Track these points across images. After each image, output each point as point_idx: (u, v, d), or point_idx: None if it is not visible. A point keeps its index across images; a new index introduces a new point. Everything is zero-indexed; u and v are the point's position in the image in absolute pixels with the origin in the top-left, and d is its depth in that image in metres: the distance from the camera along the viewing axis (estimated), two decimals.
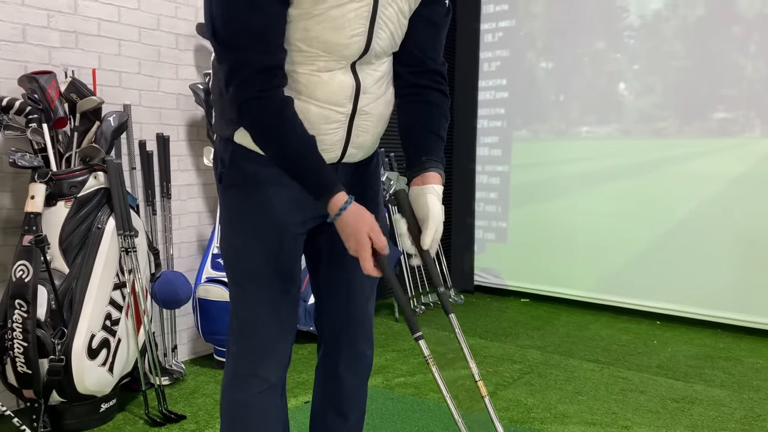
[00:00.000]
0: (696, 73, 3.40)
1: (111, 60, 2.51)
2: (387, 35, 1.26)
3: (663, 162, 3.54)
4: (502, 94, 4.13)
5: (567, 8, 3.83)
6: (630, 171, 3.66)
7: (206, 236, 2.93)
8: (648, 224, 3.59)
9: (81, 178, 2.11)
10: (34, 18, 2.26)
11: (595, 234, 3.79)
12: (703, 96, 3.39)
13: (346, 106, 1.27)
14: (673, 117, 3.50)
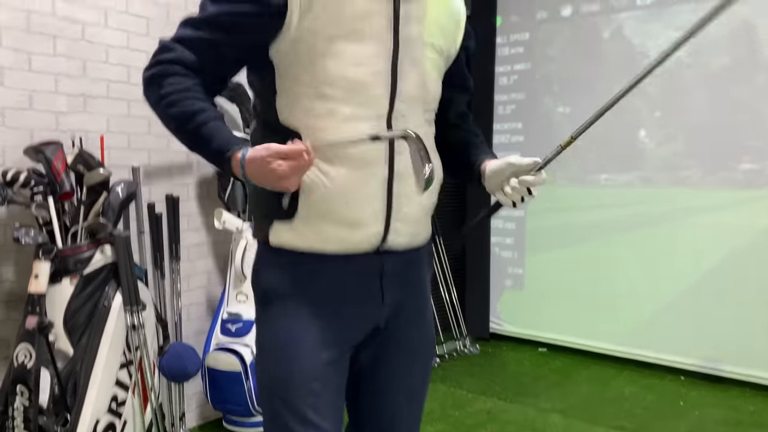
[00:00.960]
0: (719, 122, 3.30)
1: (120, 121, 2.43)
2: (417, 79, 1.20)
3: (687, 212, 3.43)
4: (518, 138, 4.04)
5: (584, 52, 3.75)
6: (652, 220, 3.54)
7: (216, 296, 2.84)
8: (672, 276, 3.46)
9: (87, 254, 2.02)
10: (42, 83, 2.19)
11: (616, 284, 3.67)
12: (727, 146, 3.28)
13: (380, 166, 1.16)
14: (696, 166, 3.39)
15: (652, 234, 3.54)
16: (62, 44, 2.24)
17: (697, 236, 3.38)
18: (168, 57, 1.14)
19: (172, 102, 1.13)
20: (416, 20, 1.19)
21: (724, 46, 3.27)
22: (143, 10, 2.47)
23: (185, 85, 1.13)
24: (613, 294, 3.68)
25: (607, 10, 3.64)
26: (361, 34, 1.14)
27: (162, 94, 1.14)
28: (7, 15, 2.09)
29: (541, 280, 4.01)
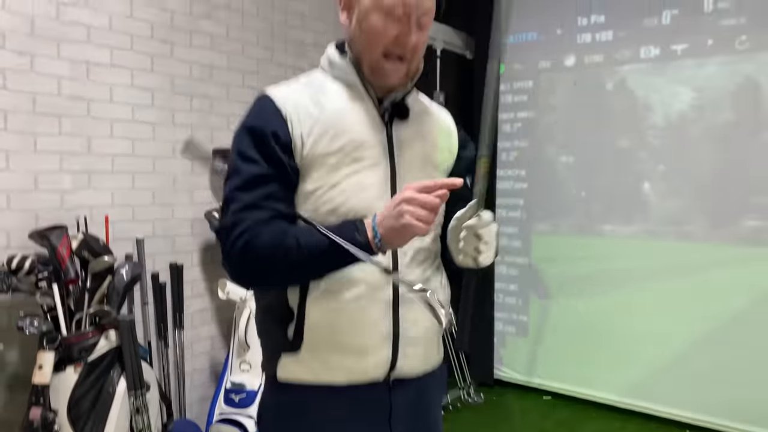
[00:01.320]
0: (725, 177, 3.29)
1: (124, 194, 2.43)
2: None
3: (692, 267, 3.41)
4: (521, 185, 4.04)
5: (587, 103, 3.75)
6: (657, 273, 3.53)
7: (219, 361, 2.82)
8: (677, 330, 3.44)
9: (92, 341, 2.02)
10: (47, 163, 2.20)
11: (621, 335, 3.65)
12: (732, 202, 3.27)
13: (384, 290, 1.16)
14: (701, 221, 3.38)
15: (657, 287, 3.52)
16: (68, 123, 2.24)
17: (703, 292, 3.36)
18: (238, 231, 1.11)
19: (276, 256, 1.11)
20: (408, 143, 1.24)
21: (728, 103, 3.26)
22: (148, 82, 2.48)
23: (270, 234, 1.12)
24: (618, 344, 3.66)
25: (611, 62, 3.64)
26: (361, 162, 1.17)
27: (263, 260, 1.12)
28: (14, 98, 2.09)
29: (545, 328, 3.99)
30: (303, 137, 1.15)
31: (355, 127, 1.19)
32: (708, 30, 3.30)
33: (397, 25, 1.16)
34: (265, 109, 1.19)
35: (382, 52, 1.17)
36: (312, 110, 1.18)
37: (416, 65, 1.23)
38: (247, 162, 1.15)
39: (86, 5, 2.26)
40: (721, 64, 3.28)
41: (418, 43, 1.19)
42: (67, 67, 2.22)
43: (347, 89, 1.22)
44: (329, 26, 3.27)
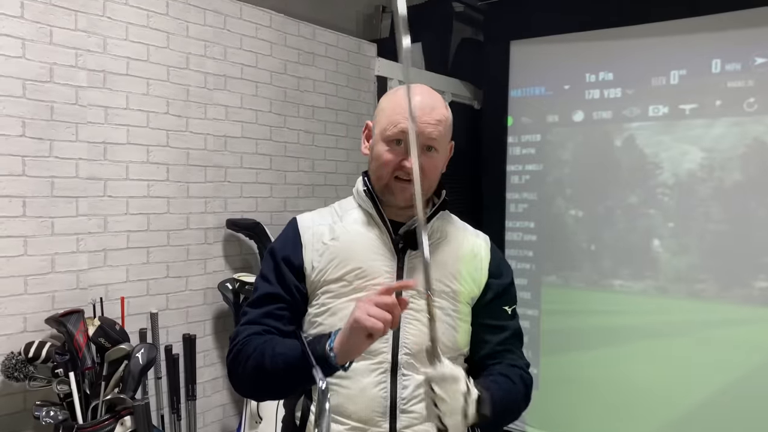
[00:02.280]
0: (735, 237, 3.29)
1: (139, 270, 2.45)
2: (424, 329, 1.19)
3: (702, 325, 3.40)
4: (530, 237, 4.04)
5: (596, 158, 3.77)
6: (667, 331, 3.52)
7: (231, 428, 2.82)
8: (686, 388, 3.42)
9: (108, 429, 2.02)
10: (64, 245, 2.22)
11: (629, 392, 3.63)
12: (743, 262, 3.27)
13: (380, 426, 1.20)
14: (712, 280, 3.38)
15: (667, 344, 3.51)
16: (84, 204, 2.27)
17: (712, 351, 3.35)
18: (234, 343, 1.23)
19: (253, 363, 1.18)
20: (421, 273, 1.17)
21: (737, 164, 3.28)
22: (163, 157, 2.51)
23: (255, 344, 1.19)
24: (627, 401, 3.64)
25: (620, 119, 3.66)
26: (365, 290, 1.22)
27: (246, 368, 1.19)
28: (33, 184, 2.12)
29: (556, 382, 3.97)
30: (313, 263, 1.26)
31: (362, 256, 1.25)
32: (716, 91, 3.33)
33: (401, 152, 1.24)
34: (288, 233, 1.33)
35: (390, 176, 1.26)
36: (326, 238, 1.28)
37: (429, 186, 1.29)
38: (264, 281, 1.28)
39: (104, 86, 2.30)
40: (729, 125, 3.30)
41: (424, 166, 1.22)
42: (85, 148, 2.25)
43: (365, 217, 1.30)
44: (339, 89, 3.31)
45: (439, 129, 1.26)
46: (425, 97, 1.28)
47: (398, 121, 1.23)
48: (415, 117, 1.15)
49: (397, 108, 1.25)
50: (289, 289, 1.26)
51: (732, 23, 3.27)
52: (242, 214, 2.81)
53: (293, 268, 1.27)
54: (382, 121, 1.28)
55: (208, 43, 2.65)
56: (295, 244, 1.29)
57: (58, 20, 2.17)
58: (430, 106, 1.26)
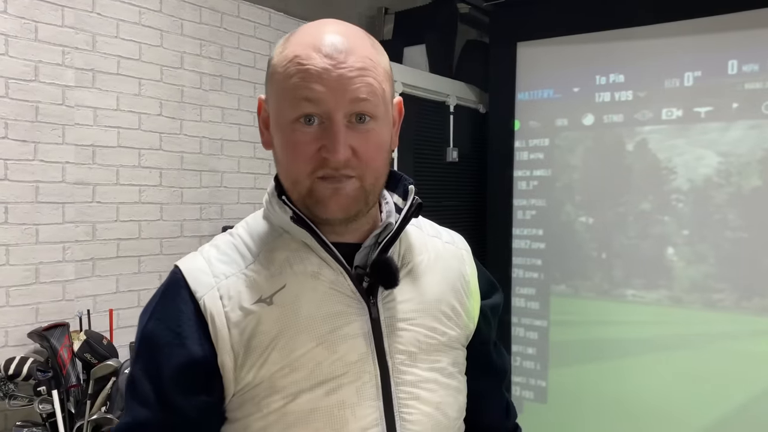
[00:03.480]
0: (754, 246, 3.16)
1: (129, 280, 2.33)
2: (427, 410, 0.85)
3: (719, 337, 3.27)
4: (539, 245, 3.91)
5: (607, 163, 3.64)
6: (682, 343, 3.38)
7: None
8: (701, 402, 3.28)
9: None
10: (49, 254, 2.09)
11: (642, 406, 3.49)
12: (762, 271, 3.13)
13: None
14: (729, 290, 3.24)
15: (683, 356, 3.37)
16: (72, 210, 2.14)
17: (731, 364, 3.21)
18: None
19: None
20: (406, 324, 0.86)
21: (755, 168, 3.15)
22: (156, 161, 2.38)
23: None
24: (639, 416, 3.50)
25: (631, 123, 3.53)
26: (335, 378, 0.80)
27: None
28: (16, 189, 2.00)
29: (565, 394, 3.83)
30: (238, 357, 0.79)
31: (317, 321, 0.80)
32: (733, 93, 3.20)
33: (315, 133, 0.78)
34: (176, 305, 0.81)
35: (309, 176, 0.80)
36: (248, 303, 0.80)
37: (374, 179, 0.82)
38: (136, 399, 0.81)
39: (93, 86, 2.18)
40: (747, 129, 3.17)
41: (359, 148, 0.79)
42: (73, 151, 2.13)
43: (299, 252, 0.83)
44: None
45: (368, 82, 0.78)
46: (337, 35, 0.80)
47: (299, 85, 0.77)
48: (326, 72, 0.76)
49: (292, 66, 0.78)
50: (177, 411, 0.79)
51: (749, 22, 3.15)
52: (239, 220, 2.67)
53: (191, 368, 0.79)
54: (276, 91, 0.81)
55: (204, 42, 2.53)
56: (191, 322, 0.80)
57: (44, 15, 2.05)
58: (348, 47, 0.78)
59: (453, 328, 0.90)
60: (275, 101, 0.81)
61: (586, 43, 3.67)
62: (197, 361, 0.78)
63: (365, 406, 0.80)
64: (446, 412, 0.87)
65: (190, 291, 0.81)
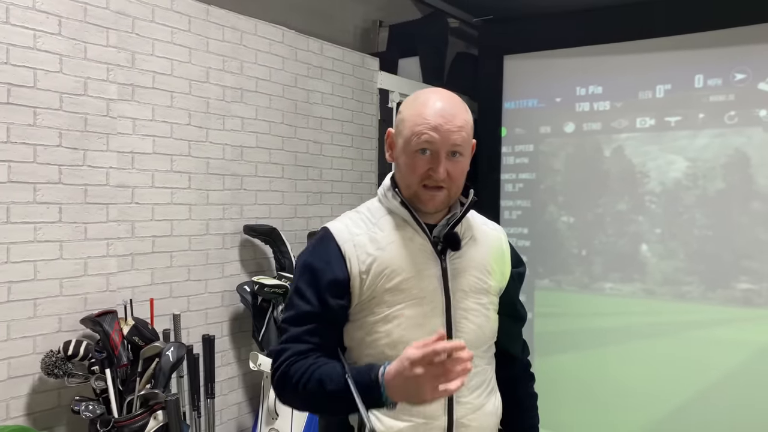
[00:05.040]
0: (718, 242, 3.50)
1: (163, 273, 2.57)
2: (472, 327, 1.32)
3: (688, 326, 3.60)
4: (524, 242, 4.22)
5: (587, 167, 3.97)
6: (655, 331, 3.71)
7: (246, 426, 2.94)
8: (675, 386, 3.61)
9: (142, 423, 2.13)
10: (95, 250, 2.33)
11: (619, 391, 3.81)
12: (726, 265, 3.48)
13: (440, 419, 1.28)
14: (697, 282, 3.59)
15: (656, 344, 3.70)
16: (114, 210, 2.39)
17: (699, 350, 3.55)
18: (280, 360, 1.26)
19: (299, 388, 1.22)
20: (462, 273, 1.33)
21: (720, 173, 3.49)
22: (186, 166, 2.63)
23: (302, 367, 1.22)
24: (617, 399, 3.82)
25: (608, 130, 3.87)
26: (418, 297, 1.28)
27: (292, 389, 1.23)
28: (69, 192, 2.24)
29: (548, 383, 4.09)
30: (362, 276, 1.27)
31: (410, 263, 1.28)
32: (699, 104, 3.55)
33: (427, 160, 1.27)
34: (327, 248, 1.30)
35: (419, 184, 1.29)
36: (370, 249, 1.28)
37: (456, 190, 1.32)
38: (301, 299, 1.28)
39: (132, 99, 2.43)
40: (712, 137, 3.52)
41: (452, 172, 1.28)
42: (115, 158, 2.38)
43: (402, 224, 1.32)
44: (345, 101, 3.47)
45: (461, 135, 1.27)
46: (446, 103, 1.29)
47: (421, 131, 1.26)
48: (439, 126, 1.25)
49: (419, 117, 1.27)
50: (329, 306, 1.26)
51: (713, 41, 3.49)
52: (256, 220, 2.94)
53: (336, 283, 1.27)
54: (405, 132, 1.29)
55: (226, 57, 2.79)
56: (336, 257, 1.28)
57: (92, 37, 2.29)
58: (452, 113, 1.27)
59: (492, 281, 1.38)
60: (404, 136, 1.30)
61: (567, 57, 4.00)
62: (339, 280, 1.27)
63: (435, 318, 1.29)
64: (483, 332, 1.36)
65: (335, 241, 1.30)
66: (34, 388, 2.16)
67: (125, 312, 2.32)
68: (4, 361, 2.09)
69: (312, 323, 1.26)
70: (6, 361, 2.09)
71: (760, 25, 3.33)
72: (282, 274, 2.78)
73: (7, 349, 2.09)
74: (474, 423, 1.32)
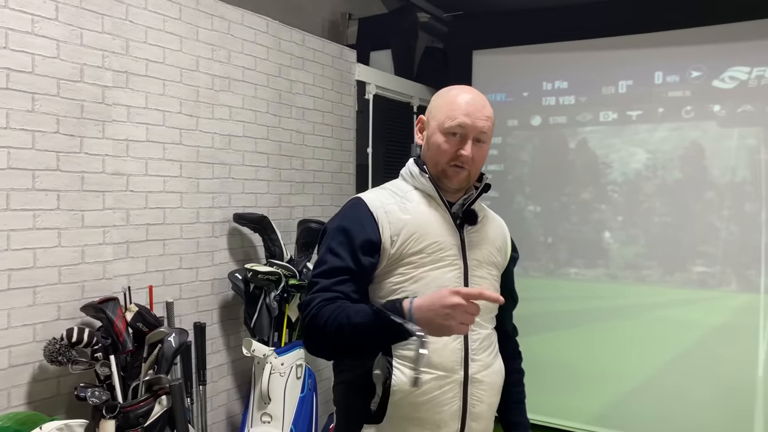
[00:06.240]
0: (675, 228, 3.75)
1: (156, 261, 2.58)
2: None
3: (648, 307, 3.84)
4: None
5: (553, 159, 4.15)
6: (617, 313, 3.94)
7: (235, 412, 2.97)
8: (636, 364, 3.85)
9: (147, 408, 2.15)
10: (92, 237, 2.32)
11: (585, 368, 4.02)
12: (683, 250, 3.72)
13: (458, 373, 1.41)
14: (656, 267, 3.82)
15: (618, 325, 3.93)
16: (110, 198, 2.38)
17: (658, 330, 3.79)
18: (309, 308, 1.35)
19: (329, 326, 1.30)
20: (477, 245, 1.50)
21: (677, 164, 3.74)
22: (177, 155, 2.64)
23: (330, 309, 1.31)
24: (584, 376, 4.03)
25: (573, 124, 4.06)
26: (441, 261, 1.44)
27: (321, 330, 1.31)
28: (66, 179, 2.22)
29: None
30: (393, 238, 1.41)
31: (435, 231, 1.45)
32: (659, 100, 3.78)
33: (457, 142, 1.45)
34: (360, 213, 1.45)
35: (446, 163, 1.46)
36: (401, 216, 1.44)
37: (476, 172, 1.50)
38: (334, 255, 1.40)
39: (126, 86, 2.42)
40: (670, 130, 3.76)
41: (475, 156, 1.46)
42: (111, 145, 2.37)
43: (427, 198, 1.50)
44: (325, 92, 3.52)
45: (488, 124, 1.47)
46: (476, 96, 1.49)
47: (456, 116, 1.44)
48: (470, 113, 1.43)
49: (453, 105, 1.46)
50: (360, 263, 1.38)
51: (672, 40, 3.72)
52: (244, 209, 2.97)
53: (370, 243, 1.39)
54: (439, 116, 1.47)
55: (215, 47, 2.81)
56: (369, 221, 1.42)
57: (88, 23, 2.28)
58: (481, 104, 1.47)
59: (499, 257, 1.57)
60: (438, 119, 1.48)
61: (535, 53, 4.17)
62: (372, 240, 1.41)
63: (454, 279, 1.44)
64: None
65: (367, 207, 1.45)
66: (34, 377, 2.15)
67: (124, 299, 2.32)
68: (5, 349, 2.07)
69: (341, 276, 1.37)
70: (7, 350, 2.07)
71: (714, 27, 3.58)
72: (273, 262, 2.83)
73: (8, 338, 2.07)
74: (486, 379, 1.47)
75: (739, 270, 3.57)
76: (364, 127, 3.86)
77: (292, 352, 2.81)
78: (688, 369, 3.67)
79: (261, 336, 2.79)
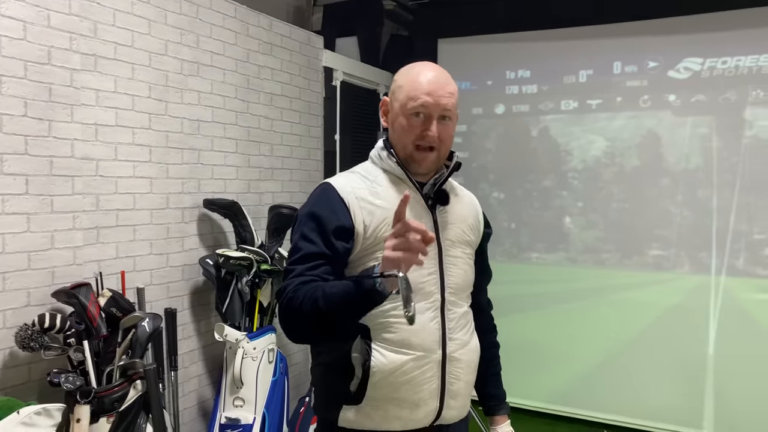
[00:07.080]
0: (633, 214, 3.90)
1: (126, 247, 2.56)
2: (460, 272, 1.51)
3: (606, 290, 3.99)
4: None
5: (516, 146, 4.25)
6: (577, 295, 4.08)
7: (206, 397, 2.98)
8: (595, 344, 4.00)
9: (122, 392, 2.15)
10: (62, 223, 2.29)
11: (546, 349, 4.16)
12: (639, 234, 3.88)
13: (436, 352, 1.45)
14: (614, 250, 3.97)
15: (578, 307, 4.07)
16: (80, 182, 2.35)
17: (617, 311, 3.95)
18: (285, 293, 1.35)
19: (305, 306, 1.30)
20: (450, 225, 1.52)
21: (634, 151, 3.88)
22: (147, 139, 2.62)
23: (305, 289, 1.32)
24: (545, 357, 4.17)
25: (536, 112, 4.16)
26: None
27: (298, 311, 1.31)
28: (35, 163, 2.19)
29: None
30: (365, 224, 1.41)
31: (408, 214, 1.37)
32: (617, 89, 3.91)
33: (421, 123, 1.44)
34: (330, 198, 1.44)
35: (412, 145, 1.45)
36: (372, 200, 1.43)
37: (445, 150, 1.50)
38: (307, 242, 1.39)
39: (95, 70, 2.39)
40: (628, 119, 3.90)
41: (442, 134, 1.45)
42: (80, 129, 2.34)
43: (396, 181, 1.48)
44: (293, 78, 3.53)
45: (452, 101, 1.45)
46: (437, 72, 1.46)
47: (417, 96, 1.42)
48: (432, 92, 1.42)
49: (415, 84, 1.44)
50: (334, 247, 1.38)
51: (630, 31, 3.85)
52: (213, 194, 2.96)
53: (342, 229, 1.39)
54: (401, 97, 1.45)
55: (184, 31, 2.78)
56: (340, 207, 1.41)
57: (55, 3, 2.24)
58: (444, 81, 1.45)
59: (472, 236, 1.58)
60: (400, 101, 1.47)
61: (498, 42, 4.25)
62: (345, 226, 1.40)
63: (429, 263, 1.44)
64: (468, 277, 1.55)
65: (337, 193, 1.44)
66: (4, 363, 2.12)
67: (96, 285, 2.31)
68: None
69: (317, 261, 1.37)
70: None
71: (670, 18, 3.72)
72: (244, 247, 2.83)
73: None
74: (463, 357, 1.51)
75: (691, 253, 3.74)
76: (331, 113, 3.88)
77: (264, 337, 2.83)
78: (644, 347, 3.84)
79: (233, 321, 2.80)
